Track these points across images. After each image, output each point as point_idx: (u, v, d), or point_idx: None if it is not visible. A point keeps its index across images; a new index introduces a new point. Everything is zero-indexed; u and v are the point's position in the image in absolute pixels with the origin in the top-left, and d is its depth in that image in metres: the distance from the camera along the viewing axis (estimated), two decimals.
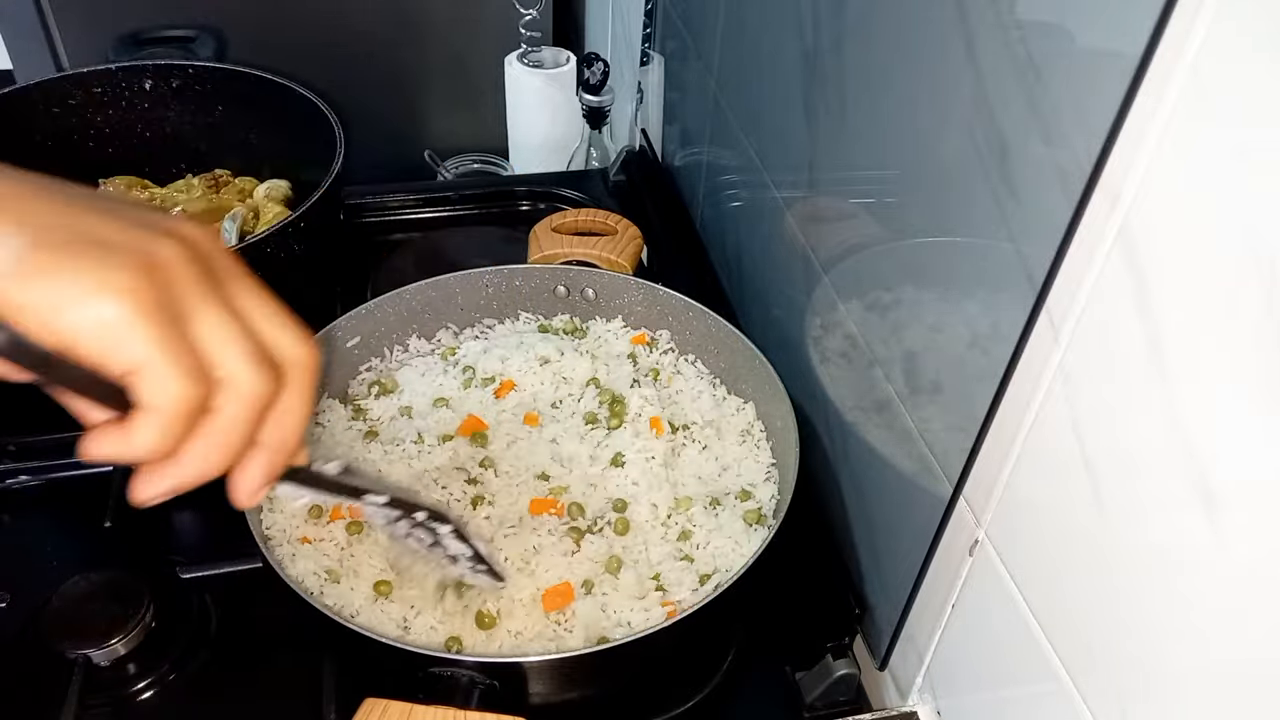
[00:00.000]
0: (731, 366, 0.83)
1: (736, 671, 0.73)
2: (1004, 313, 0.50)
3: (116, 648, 0.69)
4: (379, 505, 0.59)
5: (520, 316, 0.89)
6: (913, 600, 0.64)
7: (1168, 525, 0.41)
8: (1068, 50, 0.44)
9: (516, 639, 0.65)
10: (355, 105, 1.14)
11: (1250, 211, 0.35)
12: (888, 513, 0.68)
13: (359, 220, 1.15)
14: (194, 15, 1.32)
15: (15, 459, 0.86)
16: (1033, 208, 0.47)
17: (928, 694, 0.66)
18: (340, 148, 0.93)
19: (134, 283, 0.37)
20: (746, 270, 0.94)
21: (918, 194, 0.59)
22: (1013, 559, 0.53)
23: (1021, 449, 0.51)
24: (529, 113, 1.48)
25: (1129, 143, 0.40)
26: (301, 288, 0.92)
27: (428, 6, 1.51)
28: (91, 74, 1.03)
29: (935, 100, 0.55)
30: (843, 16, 0.66)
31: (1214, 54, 0.36)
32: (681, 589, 0.68)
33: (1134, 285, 0.41)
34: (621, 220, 0.98)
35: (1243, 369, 0.36)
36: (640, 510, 0.73)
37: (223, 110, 1.07)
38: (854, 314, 0.69)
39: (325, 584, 0.67)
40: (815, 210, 0.76)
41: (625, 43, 1.35)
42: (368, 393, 0.82)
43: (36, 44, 1.43)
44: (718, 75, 0.95)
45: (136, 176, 1.08)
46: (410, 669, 0.60)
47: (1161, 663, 0.42)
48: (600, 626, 0.66)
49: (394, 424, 0.79)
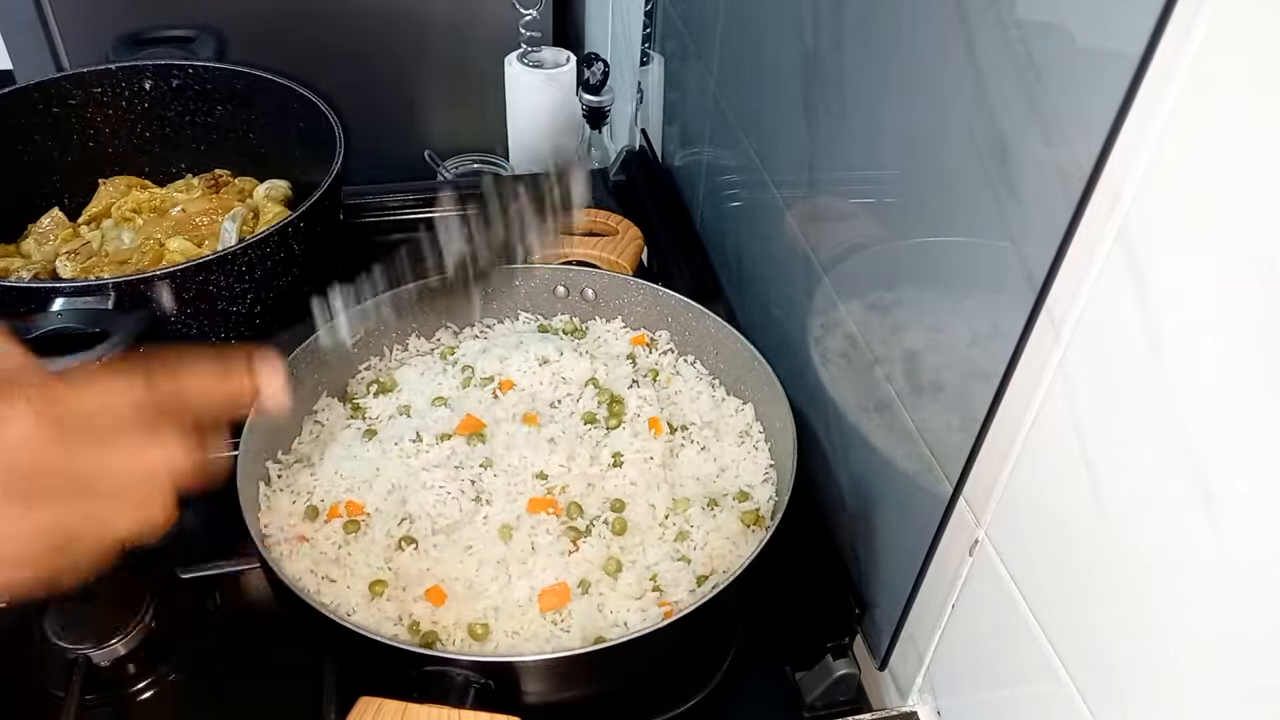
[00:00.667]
0: (731, 367, 0.83)
1: (736, 671, 0.73)
2: (1004, 313, 0.50)
3: (116, 648, 0.69)
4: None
5: (520, 316, 0.89)
6: (913, 600, 0.64)
7: (1168, 525, 0.41)
8: (1068, 50, 0.44)
9: (513, 639, 0.65)
10: (355, 105, 1.14)
11: (1250, 211, 0.35)
12: (888, 513, 0.67)
13: (359, 220, 1.15)
14: (194, 15, 1.32)
15: None
16: (1033, 208, 0.47)
17: (928, 694, 0.66)
18: (340, 148, 0.93)
19: None
20: (746, 270, 0.94)
21: (918, 194, 0.59)
22: (1013, 559, 0.53)
23: (1021, 449, 0.51)
24: (529, 113, 1.48)
25: (1129, 143, 0.40)
26: (301, 288, 0.92)
27: (428, 6, 1.51)
28: (91, 74, 1.03)
29: (935, 100, 0.55)
30: (843, 16, 0.66)
31: (1214, 54, 0.36)
32: (679, 589, 0.68)
33: (1134, 285, 0.41)
34: (622, 220, 0.98)
35: (1243, 369, 0.36)
36: (638, 510, 0.73)
37: (223, 110, 1.07)
38: (854, 314, 0.69)
39: (322, 583, 0.67)
40: (815, 210, 0.76)
41: (625, 43, 1.35)
42: (366, 391, 0.82)
43: (36, 44, 1.42)
44: (718, 75, 0.95)
45: (136, 176, 1.08)
46: (405, 668, 0.60)
47: (1162, 662, 0.42)
48: (597, 626, 0.66)
49: (393, 423, 0.79)
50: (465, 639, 0.65)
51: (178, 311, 0.82)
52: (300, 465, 0.76)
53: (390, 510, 0.72)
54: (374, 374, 0.84)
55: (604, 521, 0.72)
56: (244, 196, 1.06)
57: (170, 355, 0.48)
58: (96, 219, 1.04)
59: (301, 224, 0.88)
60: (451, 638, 0.65)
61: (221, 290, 0.84)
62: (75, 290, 0.78)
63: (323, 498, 0.73)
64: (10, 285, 0.80)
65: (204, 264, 0.82)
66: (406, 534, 0.70)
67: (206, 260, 0.82)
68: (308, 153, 1.01)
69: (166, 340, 0.84)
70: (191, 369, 0.49)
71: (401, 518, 0.71)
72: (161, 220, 1.02)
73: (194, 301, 0.83)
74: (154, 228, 1.01)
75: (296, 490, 0.74)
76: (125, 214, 1.03)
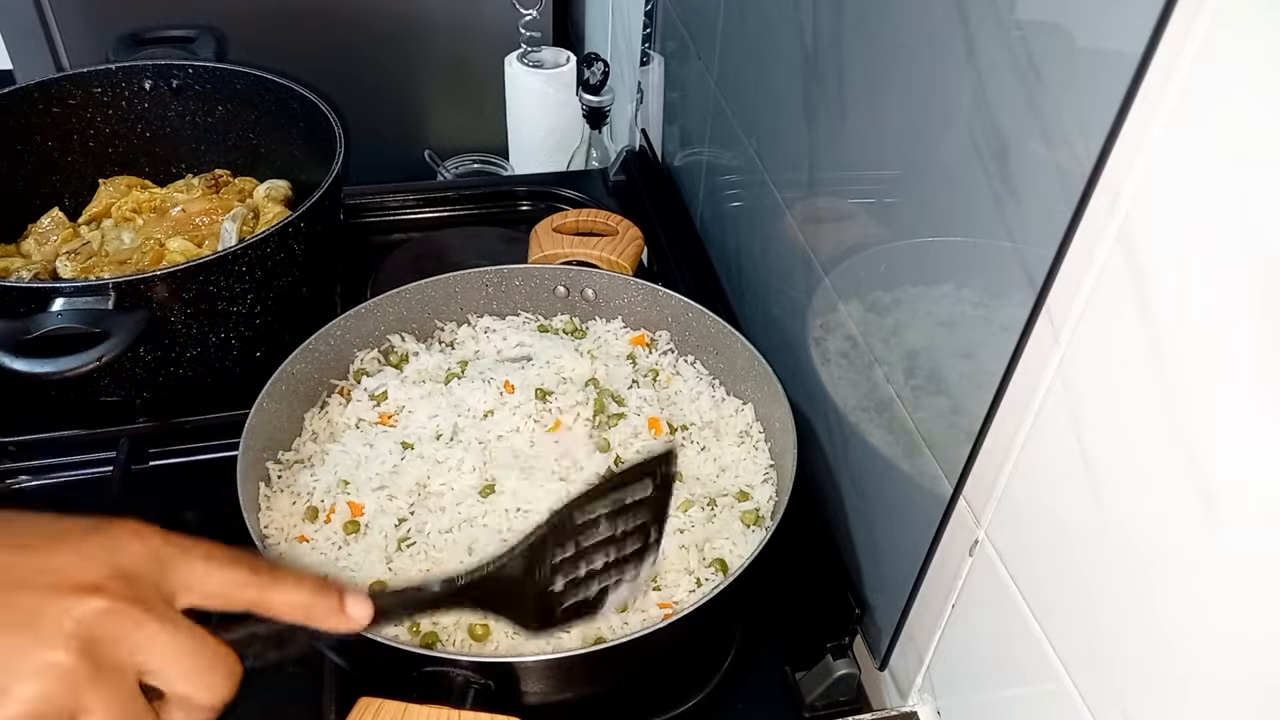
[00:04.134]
0: (731, 367, 0.83)
1: (736, 671, 0.73)
2: (1004, 313, 0.50)
3: None
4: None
5: (520, 316, 0.89)
6: (913, 600, 0.64)
7: (1168, 525, 0.41)
8: (1068, 50, 0.44)
9: (513, 639, 0.65)
10: (355, 105, 1.14)
11: (1250, 211, 0.35)
12: (888, 513, 0.67)
13: (359, 220, 1.15)
14: (194, 15, 1.32)
15: (15, 459, 0.86)
16: (1033, 208, 0.47)
17: (928, 694, 0.66)
18: (340, 148, 0.93)
19: (67, 661, 0.36)
20: (746, 270, 0.94)
21: (918, 194, 0.59)
22: (1013, 559, 0.53)
23: (1021, 449, 0.51)
24: (529, 113, 1.48)
25: (1129, 143, 0.40)
26: (301, 288, 0.92)
27: (428, 7, 1.51)
28: (91, 74, 1.03)
29: (935, 100, 0.55)
30: (843, 16, 0.66)
31: (1214, 54, 0.36)
32: (678, 590, 0.68)
33: (1134, 285, 0.41)
34: (622, 221, 0.98)
35: (1243, 369, 0.36)
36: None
37: (223, 110, 1.07)
38: (854, 314, 0.69)
39: None
40: (815, 210, 0.76)
41: (625, 43, 1.35)
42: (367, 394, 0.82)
43: (36, 44, 1.43)
44: (718, 75, 0.95)
45: (136, 176, 1.08)
46: (405, 668, 0.60)
47: (1162, 662, 0.42)
48: (596, 627, 0.66)
49: (394, 423, 0.79)
50: (465, 639, 0.65)
51: (178, 311, 0.82)
52: (300, 465, 0.76)
53: (390, 510, 0.72)
54: (374, 374, 0.84)
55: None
56: (244, 196, 1.06)
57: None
58: (96, 219, 1.04)
59: (302, 224, 0.88)
60: (451, 638, 0.65)
61: (221, 290, 0.84)
62: (75, 290, 0.78)
63: (323, 498, 0.73)
64: (10, 285, 0.79)
65: (204, 264, 0.82)
66: (406, 534, 0.70)
67: (206, 260, 0.82)
68: (308, 153, 1.01)
69: (166, 340, 0.84)
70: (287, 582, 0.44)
71: (401, 518, 0.71)
72: (161, 220, 1.02)
73: (194, 301, 0.83)
74: (154, 228, 1.01)
75: (296, 490, 0.74)
76: (125, 214, 1.03)
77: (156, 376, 0.86)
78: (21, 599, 0.36)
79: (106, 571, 0.38)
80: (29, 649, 0.35)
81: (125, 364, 0.80)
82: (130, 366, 0.84)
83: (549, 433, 0.77)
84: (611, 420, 0.78)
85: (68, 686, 0.36)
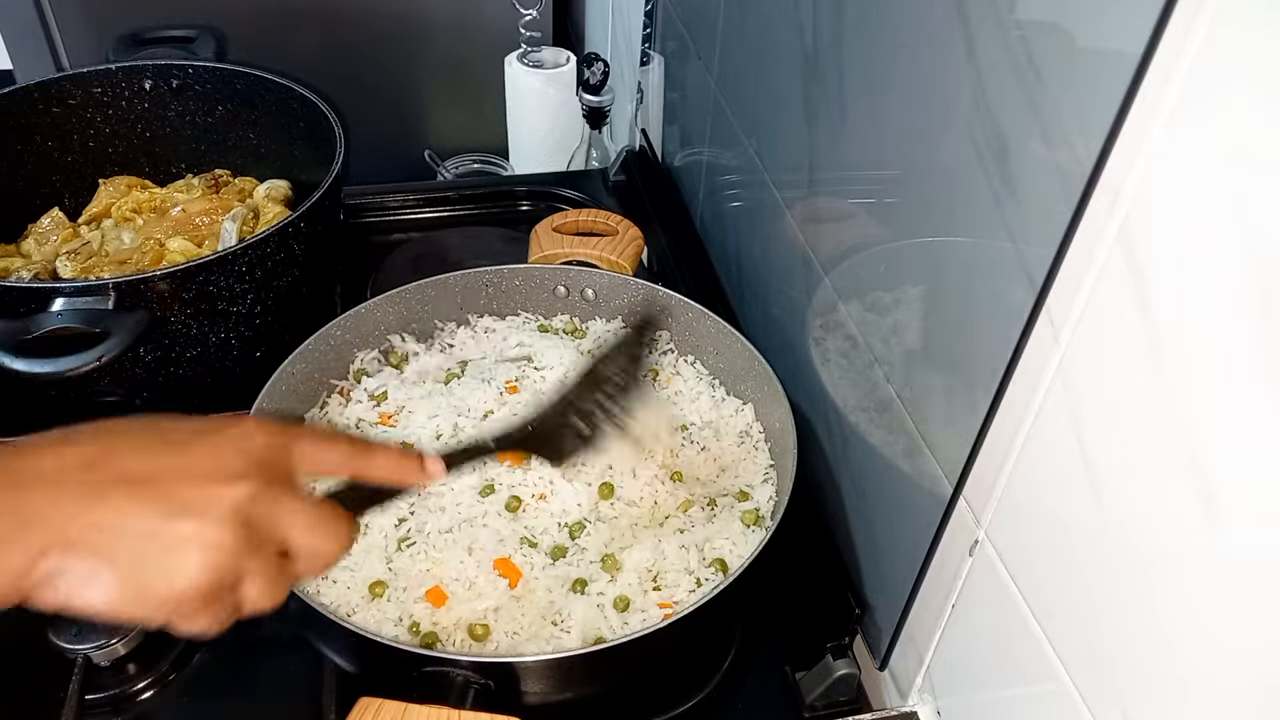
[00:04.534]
0: (731, 367, 0.83)
1: (736, 671, 0.73)
2: (1004, 313, 0.50)
3: (116, 648, 0.69)
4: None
5: (520, 316, 0.89)
6: (913, 600, 0.64)
7: (1168, 525, 0.41)
8: (1068, 50, 0.44)
9: (513, 639, 0.65)
10: (355, 105, 1.14)
11: (1250, 211, 0.35)
12: (888, 513, 0.67)
13: (359, 220, 1.15)
14: (194, 15, 1.32)
15: None
16: (1033, 208, 0.47)
17: (928, 694, 0.66)
18: (340, 148, 0.93)
19: (229, 536, 0.44)
20: (746, 270, 0.94)
21: (918, 194, 0.59)
22: (1013, 559, 0.53)
23: (1021, 449, 0.51)
24: (529, 113, 1.48)
25: (1129, 143, 0.40)
26: (301, 288, 0.92)
27: (428, 7, 1.51)
28: (91, 74, 1.03)
29: (935, 100, 0.55)
30: (843, 16, 0.66)
31: (1214, 54, 0.36)
32: (678, 590, 0.68)
33: (1134, 285, 0.41)
34: (622, 221, 0.98)
35: (1243, 369, 0.36)
36: (638, 510, 0.72)
37: (223, 110, 1.07)
38: (854, 314, 0.69)
39: (322, 583, 0.67)
40: (815, 210, 0.76)
41: (625, 43, 1.35)
42: (367, 394, 0.82)
43: (36, 44, 1.43)
44: (718, 75, 0.95)
45: (136, 176, 1.08)
46: (405, 668, 0.60)
47: (1162, 662, 0.42)
48: (596, 627, 0.66)
49: (394, 423, 0.79)
50: (465, 639, 0.65)
51: (178, 311, 0.82)
52: None
53: (390, 510, 0.71)
54: (374, 374, 0.84)
55: (604, 521, 0.71)
56: (244, 196, 1.06)
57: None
58: (96, 219, 1.04)
59: (302, 224, 0.88)
60: (451, 638, 0.65)
61: (221, 290, 0.84)
62: (75, 290, 0.78)
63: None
64: (10, 285, 0.79)
65: (204, 264, 0.82)
66: (406, 534, 0.70)
67: (206, 260, 0.82)
68: (308, 153, 1.01)
69: (166, 340, 0.84)
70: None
71: (401, 518, 0.71)
72: (161, 220, 1.02)
73: (194, 301, 0.83)
74: (154, 228, 1.01)
75: None
76: (125, 214, 1.03)
77: (156, 376, 0.86)
78: (185, 491, 0.43)
79: (245, 460, 0.45)
80: (200, 530, 0.43)
81: (125, 364, 0.80)
82: (130, 366, 0.84)
83: None
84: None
85: (232, 556, 0.44)
